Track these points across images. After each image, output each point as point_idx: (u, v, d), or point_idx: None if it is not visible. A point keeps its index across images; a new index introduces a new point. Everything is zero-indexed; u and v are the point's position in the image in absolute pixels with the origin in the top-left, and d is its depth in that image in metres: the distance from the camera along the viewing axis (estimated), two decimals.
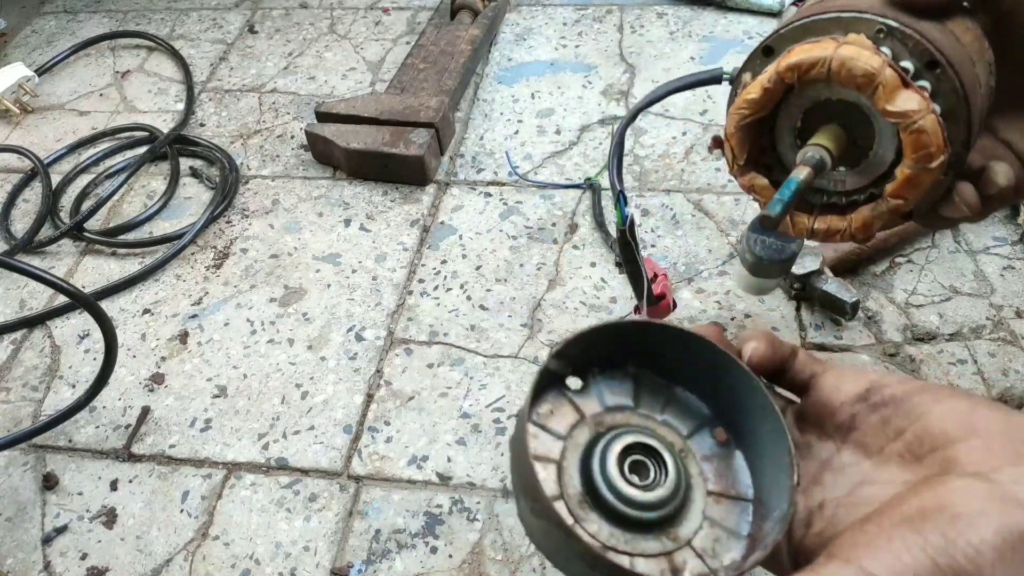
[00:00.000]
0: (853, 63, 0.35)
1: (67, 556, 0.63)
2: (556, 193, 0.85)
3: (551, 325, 0.74)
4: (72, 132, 1.00)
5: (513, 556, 0.59)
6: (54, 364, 0.76)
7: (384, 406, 0.69)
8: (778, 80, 0.37)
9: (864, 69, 0.35)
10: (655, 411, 0.38)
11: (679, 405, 0.38)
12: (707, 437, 0.38)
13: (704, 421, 0.38)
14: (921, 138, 0.36)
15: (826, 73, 0.36)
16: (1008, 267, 0.74)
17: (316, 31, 1.12)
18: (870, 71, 0.35)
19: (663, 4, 1.08)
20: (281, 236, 0.85)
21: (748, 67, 0.40)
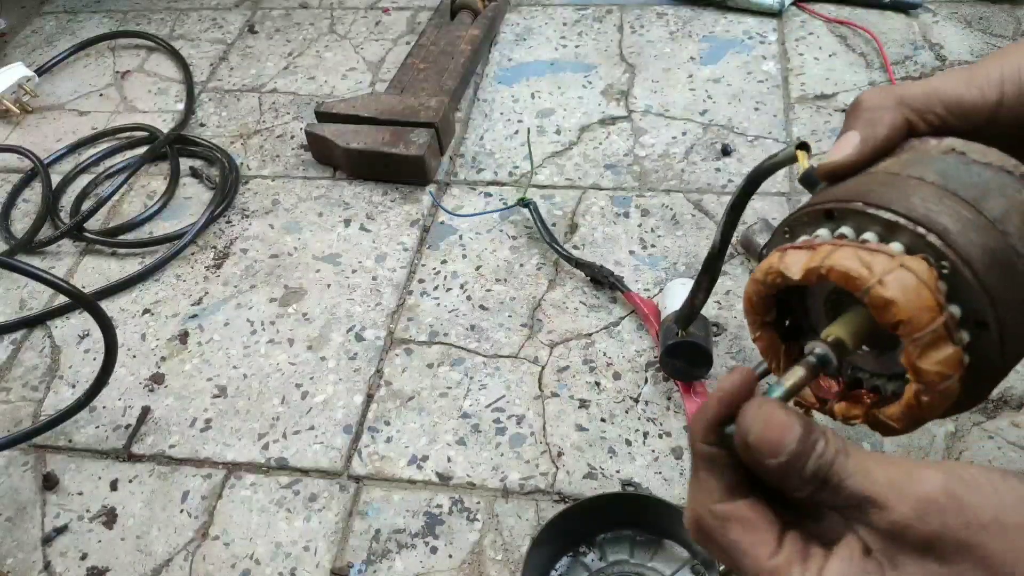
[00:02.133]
0: (897, 306, 0.30)
1: (67, 556, 0.63)
2: (556, 193, 0.85)
3: (551, 325, 0.74)
4: (72, 132, 1.01)
5: (513, 556, 0.59)
6: (54, 364, 0.76)
7: (384, 406, 0.69)
8: (807, 276, 0.33)
9: (910, 316, 0.30)
10: (645, 560, 0.57)
11: (665, 552, 0.58)
12: (688, 574, 0.56)
13: (685, 562, 0.57)
14: (937, 399, 0.32)
15: (863, 296, 0.31)
16: None
17: (316, 31, 1.12)
18: (916, 321, 0.30)
19: (663, 4, 1.08)
20: (281, 236, 0.85)
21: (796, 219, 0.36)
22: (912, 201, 0.32)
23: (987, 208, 0.32)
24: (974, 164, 0.34)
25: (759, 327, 0.38)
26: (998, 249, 0.31)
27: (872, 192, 0.33)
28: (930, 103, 0.36)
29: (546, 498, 0.62)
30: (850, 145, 0.36)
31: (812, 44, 0.99)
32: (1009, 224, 0.32)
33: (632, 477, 0.63)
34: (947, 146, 0.35)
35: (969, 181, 0.33)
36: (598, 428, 0.66)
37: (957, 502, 0.27)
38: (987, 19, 0.99)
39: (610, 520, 0.59)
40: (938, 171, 0.33)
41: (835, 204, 0.34)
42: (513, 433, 0.67)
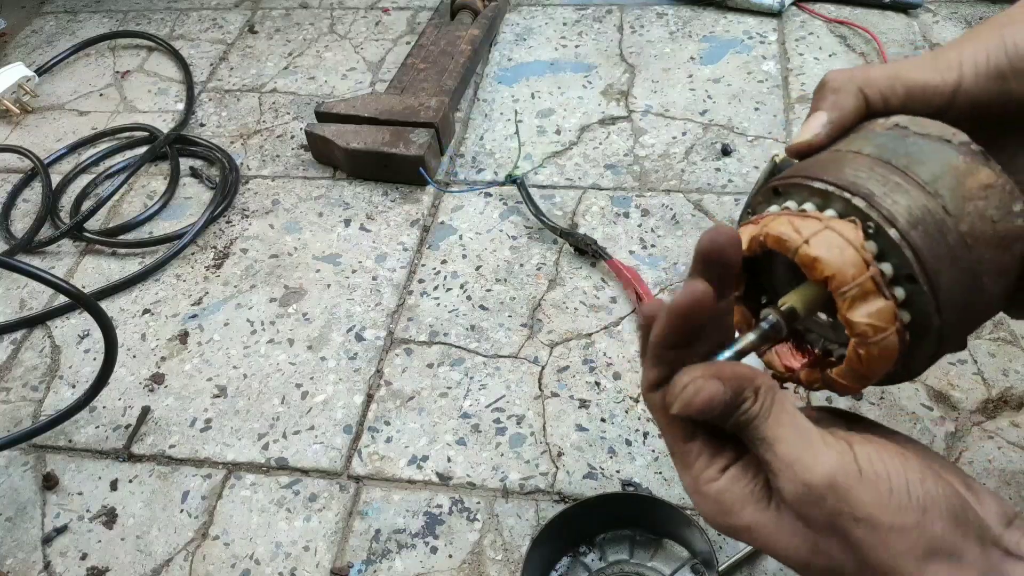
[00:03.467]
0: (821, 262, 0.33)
1: (67, 556, 0.63)
2: (556, 193, 0.85)
3: (551, 325, 0.74)
4: (72, 132, 1.01)
5: (513, 556, 0.59)
6: (54, 364, 0.76)
7: (384, 406, 0.69)
8: (751, 246, 0.36)
9: (835, 271, 0.32)
10: (645, 559, 0.58)
11: (664, 552, 0.58)
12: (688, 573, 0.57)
13: (684, 561, 0.57)
14: (875, 352, 0.33)
15: (793, 257, 0.34)
16: None
17: (316, 31, 1.12)
18: (841, 276, 0.32)
19: (663, 4, 1.08)
20: (281, 236, 0.85)
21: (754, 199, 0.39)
22: (844, 171, 0.35)
23: (918, 172, 0.34)
24: (913, 135, 0.36)
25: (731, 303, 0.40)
26: (923, 208, 0.33)
27: (812, 167, 0.36)
28: (892, 85, 0.38)
29: (546, 498, 0.63)
30: (818, 124, 0.38)
31: (812, 44, 0.99)
32: (941, 186, 0.34)
33: (632, 477, 0.63)
34: (892, 122, 0.37)
35: (904, 151, 0.35)
36: (598, 428, 0.66)
37: (838, 494, 0.30)
38: (987, 19, 0.99)
39: (610, 520, 0.59)
40: (876, 144, 0.36)
41: (779, 181, 0.37)
42: (513, 433, 0.67)
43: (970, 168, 0.34)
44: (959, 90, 0.37)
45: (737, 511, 0.33)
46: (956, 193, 0.34)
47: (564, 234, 0.79)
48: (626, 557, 0.58)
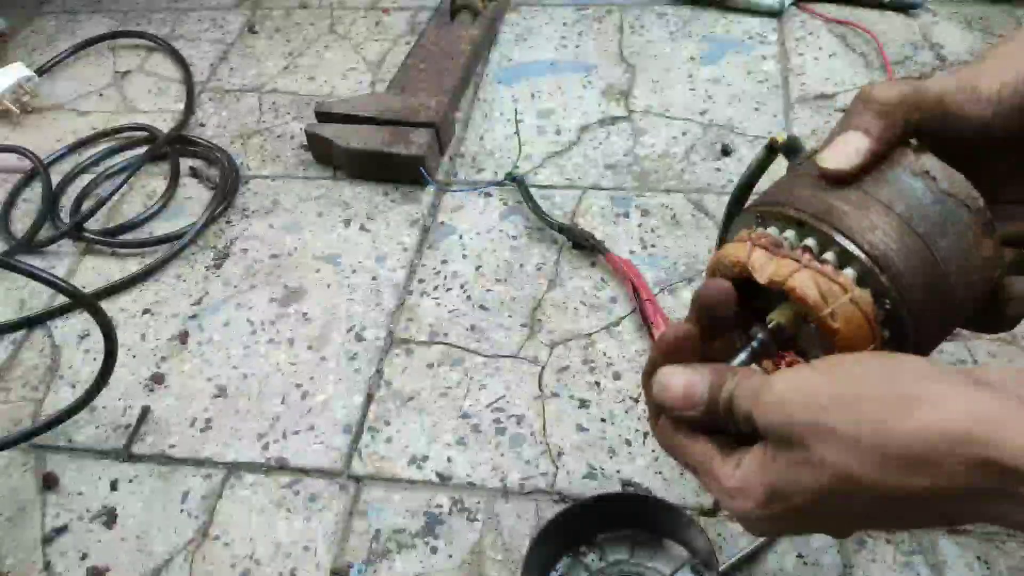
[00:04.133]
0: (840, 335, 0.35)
1: (67, 556, 0.63)
2: (556, 193, 0.85)
3: (551, 325, 0.74)
4: (72, 132, 1.00)
5: (513, 556, 0.59)
6: (54, 364, 0.76)
7: (384, 406, 0.69)
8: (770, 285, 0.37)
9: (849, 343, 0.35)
10: (645, 560, 0.58)
11: (664, 552, 0.58)
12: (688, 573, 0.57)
13: (684, 561, 0.57)
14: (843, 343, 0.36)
15: (813, 321, 0.36)
16: None
17: (316, 31, 1.12)
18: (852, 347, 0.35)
19: (663, 4, 1.08)
20: (281, 236, 0.85)
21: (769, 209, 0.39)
22: (875, 235, 0.36)
23: (939, 247, 0.36)
24: (940, 194, 0.37)
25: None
26: (935, 288, 0.36)
27: (844, 215, 0.36)
28: (934, 111, 0.37)
29: (546, 498, 0.62)
30: (856, 153, 0.37)
31: (812, 44, 0.99)
32: (952, 264, 0.36)
33: (632, 477, 0.63)
34: (921, 167, 0.37)
35: (930, 215, 0.36)
36: (598, 428, 0.66)
37: (799, 393, 0.32)
38: (987, 19, 0.99)
39: (610, 520, 0.59)
40: (906, 200, 0.36)
41: (809, 219, 0.37)
42: (513, 433, 0.67)
43: (978, 241, 0.37)
44: (990, 124, 0.37)
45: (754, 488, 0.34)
46: (962, 268, 0.36)
47: (562, 229, 0.79)
48: (626, 557, 0.58)
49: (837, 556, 0.57)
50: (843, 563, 0.57)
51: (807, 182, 0.39)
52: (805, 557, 0.57)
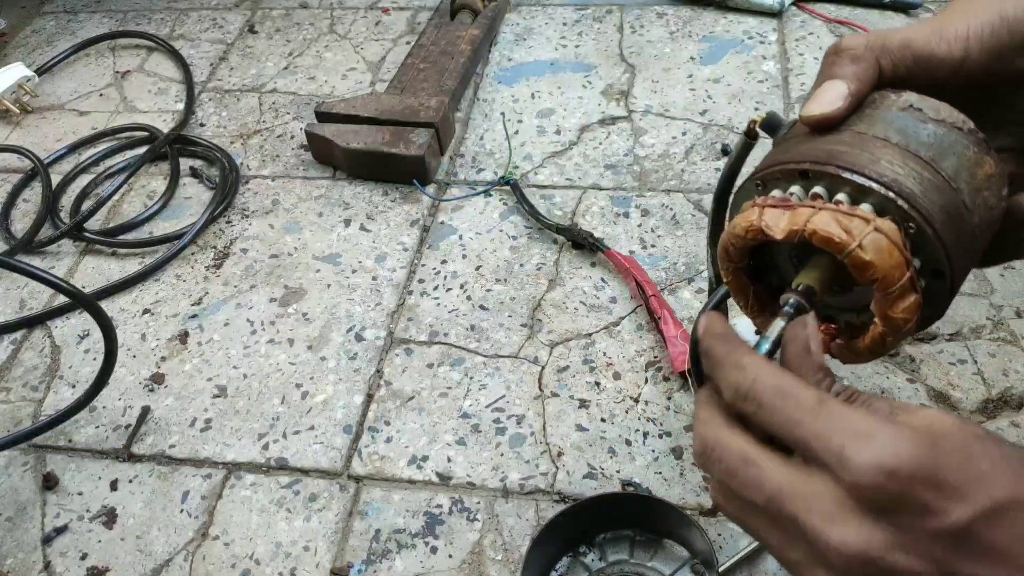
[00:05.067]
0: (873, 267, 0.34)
1: (67, 556, 0.63)
2: (556, 193, 0.85)
3: (551, 325, 0.74)
4: (72, 132, 1.00)
5: (513, 556, 0.59)
6: (54, 364, 0.76)
7: (384, 406, 0.69)
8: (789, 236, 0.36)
9: (884, 274, 0.34)
10: (645, 559, 0.58)
11: (664, 552, 0.58)
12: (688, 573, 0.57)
13: (684, 561, 0.57)
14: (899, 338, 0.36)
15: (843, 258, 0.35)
16: (1008, 267, 0.74)
17: (316, 31, 1.12)
18: (889, 278, 0.34)
19: (663, 4, 1.08)
20: (281, 236, 0.85)
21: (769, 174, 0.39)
22: (881, 165, 0.35)
23: (943, 167, 0.36)
24: (930, 122, 0.37)
25: (731, 272, 0.41)
26: (951, 206, 0.35)
27: (844, 154, 0.36)
28: (904, 55, 0.37)
29: (546, 498, 0.63)
30: (838, 97, 0.37)
31: (812, 44, 0.99)
32: (960, 181, 0.36)
33: (632, 477, 0.63)
34: (905, 102, 0.37)
35: (927, 140, 0.36)
36: (598, 428, 0.66)
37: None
38: None
39: (610, 520, 0.59)
40: (899, 130, 0.36)
41: (811, 166, 0.36)
42: (513, 433, 0.67)
43: (979, 159, 0.36)
44: (963, 64, 0.37)
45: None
46: (971, 186, 0.36)
47: (560, 230, 0.79)
48: (626, 557, 0.58)
49: None
50: None
51: (798, 141, 0.38)
52: None
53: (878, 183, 0.35)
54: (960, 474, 0.27)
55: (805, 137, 0.38)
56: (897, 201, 0.34)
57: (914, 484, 0.27)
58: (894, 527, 0.27)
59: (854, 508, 0.28)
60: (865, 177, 0.35)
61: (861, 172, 0.35)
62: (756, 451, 0.30)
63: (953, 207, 0.35)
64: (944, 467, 0.27)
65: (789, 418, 0.30)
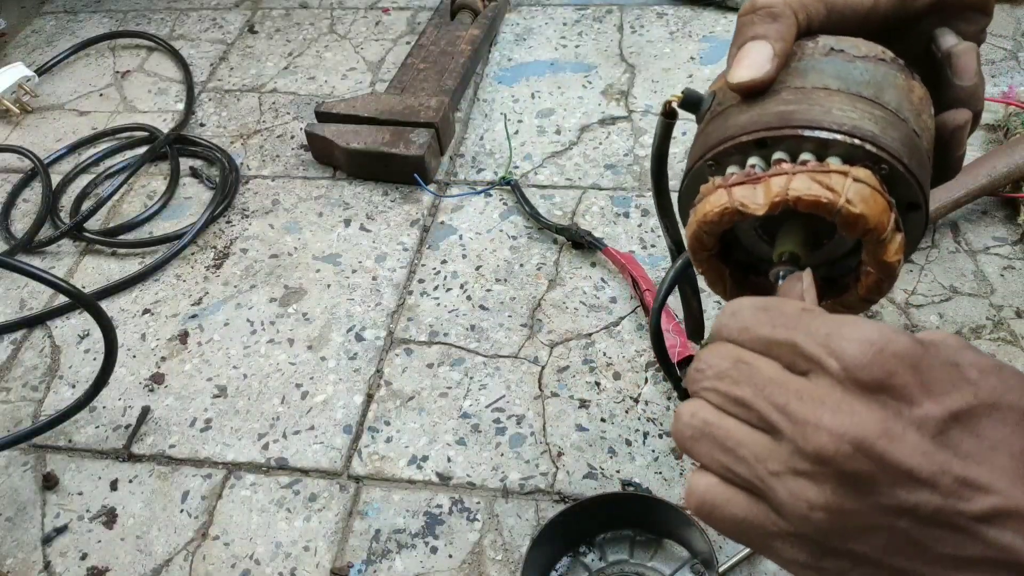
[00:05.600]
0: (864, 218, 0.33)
1: (67, 556, 0.63)
2: (556, 193, 0.85)
3: (551, 325, 0.74)
4: (72, 132, 1.00)
5: (513, 556, 0.59)
6: (54, 364, 0.76)
7: (384, 406, 0.69)
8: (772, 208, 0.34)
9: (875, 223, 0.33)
10: (645, 559, 0.58)
11: (664, 552, 0.58)
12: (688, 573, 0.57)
13: (684, 561, 0.57)
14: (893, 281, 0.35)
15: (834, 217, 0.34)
16: (1008, 267, 0.74)
17: (316, 31, 1.12)
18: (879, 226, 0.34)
19: (663, 4, 1.08)
20: (281, 236, 0.85)
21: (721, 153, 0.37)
22: (834, 115, 0.34)
23: (887, 101, 0.35)
24: (857, 60, 0.36)
25: (705, 261, 0.40)
26: (906, 137, 0.35)
27: (796, 113, 0.35)
28: (817, 8, 0.37)
29: (546, 498, 0.62)
30: (765, 59, 0.36)
31: None
32: (904, 111, 0.35)
33: (632, 477, 0.63)
34: (825, 46, 0.37)
35: (862, 79, 0.36)
36: (598, 428, 0.66)
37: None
38: None
39: (610, 520, 0.59)
40: (834, 75, 0.36)
41: (768, 133, 0.35)
42: (513, 433, 0.67)
43: (909, 85, 0.37)
44: (873, 10, 0.37)
45: None
46: (912, 113, 0.36)
47: (560, 230, 0.80)
48: (626, 557, 0.58)
49: None
50: None
51: (733, 112, 0.37)
52: None
53: (840, 133, 0.34)
54: (945, 371, 0.27)
55: (740, 106, 0.37)
56: (865, 146, 0.34)
57: (901, 366, 0.26)
58: (883, 408, 0.26)
59: (843, 393, 0.27)
60: (826, 130, 0.34)
61: (820, 126, 0.34)
62: (751, 355, 0.30)
63: (907, 138, 0.35)
64: (931, 359, 0.27)
65: (773, 326, 0.29)
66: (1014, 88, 0.85)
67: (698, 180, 0.38)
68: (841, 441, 0.26)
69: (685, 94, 0.40)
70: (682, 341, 0.66)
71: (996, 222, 0.77)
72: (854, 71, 0.36)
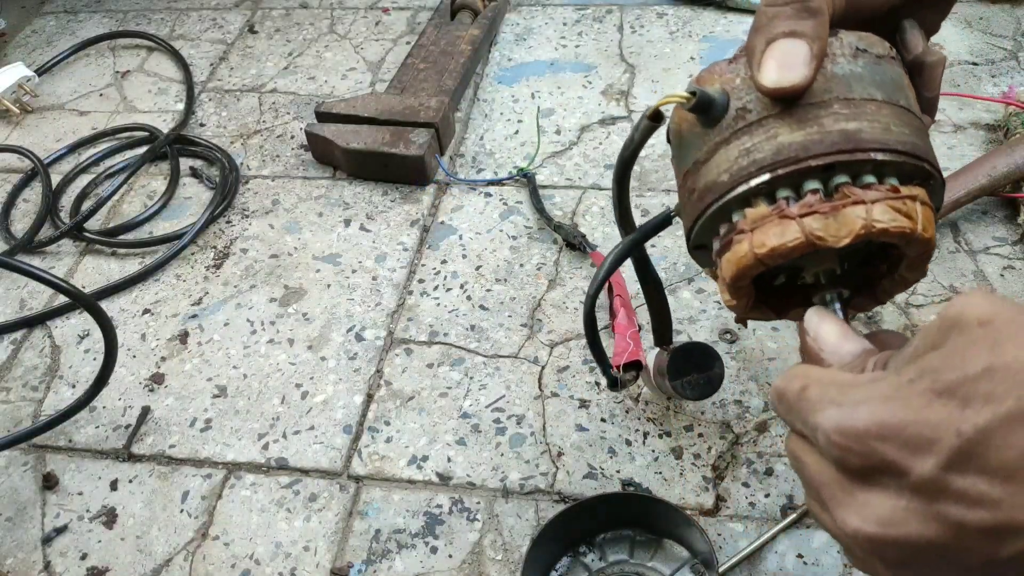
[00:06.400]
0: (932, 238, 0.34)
1: (67, 556, 0.63)
2: (556, 193, 0.85)
3: (551, 325, 0.74)
4: (72, 132, 1.00)
5: (513, 556, 0.59)
6: (54, 364, 0.76)
7: (384, 406, 0.69)
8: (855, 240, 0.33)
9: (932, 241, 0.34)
10: (645, 559, 0.57)
11: (664, 552, 0.58)
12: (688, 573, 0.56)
13: (684, 561, 0.57)
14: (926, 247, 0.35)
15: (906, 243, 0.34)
16: (1008, 267, 0.74)
17: (316, 31, 1.12)
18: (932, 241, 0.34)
19: (663, 4, 1.08)
20: (281, 236, 0.85)
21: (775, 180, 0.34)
22: (892, 132, 0.33)
23: (912, 105, 0.36)
24: (881, 62, 0.36)
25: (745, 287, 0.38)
26: (928, 140, 0.36)
27: (861, 132, 0.33)
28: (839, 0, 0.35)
29: (546, 498, 0.63)
30: (802, 61, 0.32)
31: None
32: (915, 109, 0.36)
33: (632, 477, 0.63)
34: (850, 46, 0.35)
35: (891, 83, 0.35)
36: (598, 428, 0.66)
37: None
38: (987, 19, 0.99)
39: (610, 520, 0.59)
40: (875, 84, 0.35)
41: (840, 157, 0.32)
42: (513, 433, 0.67)
43: (910, 83, 0.37)
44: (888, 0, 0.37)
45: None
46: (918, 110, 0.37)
47: (557, 227, 0.80)
48: (626, 557, 0.58)
49: (837, 556, 0.57)
50: (843, 562, 0.57)
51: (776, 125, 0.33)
52: (805, 557, 0.57)
53: (906, 155, 0.33)
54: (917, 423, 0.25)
55: (785, 119, 0.33)
56: (924, 166, 0.34)
57: (873, 443, 0.26)
58: (882, 491, 0.27)
59: (847, 483, 0.28)
60: (895, 152, 0.33)
61: (888, 148, 0.32)
62: (799, 446, 0.31)
63: (928, 140, 0.35)
64: (895, 416, 0.26)
65: (788, 415, 0.31)
66: (1014, 88, 0.85)
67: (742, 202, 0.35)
68: (867, 542, 0.27)
69: (699, 95, 0.35)
70: (633, 350, 0.63)
71: (996, 222, 0.77)
72: (885, 76, 0.35)
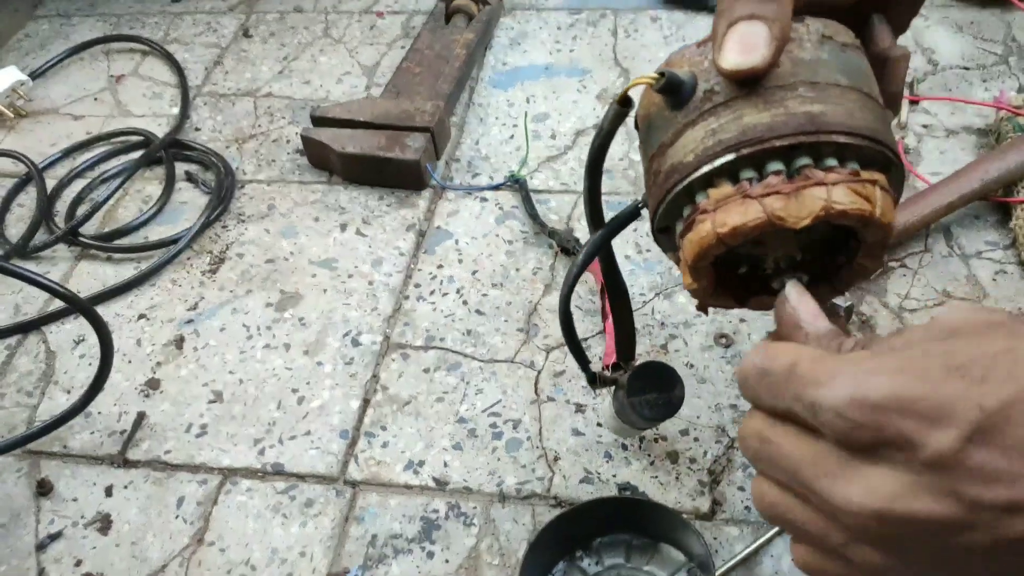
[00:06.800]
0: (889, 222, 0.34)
1: (61, 563, 0.62)
2: (551, 197, 0.85)
3: (547, 330, 0.74)
4: (67, 136, 1.00)
5: (510, 561, 0.59)
6: (49, 369, 0.76)
7: (380, 411, 0.69)
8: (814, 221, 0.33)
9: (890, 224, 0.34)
10: (641, 564, 0.57)
11: (661, 556, 0.58)
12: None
13: (681, 565, 0.57)
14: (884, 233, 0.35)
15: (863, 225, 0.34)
16: (1000, 271, 0.74)
17: (311, 35, 1.12)
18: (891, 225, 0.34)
19: (657, 8, 1.08)
20: (277, 241, 0.85)
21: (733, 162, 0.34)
22: (856, 117, 0.33)
23: (874, 92, 0.36)
24: (847, 50, 0.36)
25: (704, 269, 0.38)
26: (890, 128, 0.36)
27: (825, 115, 0.33)
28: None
29: (542, 502, 0.63)
30: (762, 42, 0.32)
31: None
32: (877, 96, 0.36)
33: (628, 481, 0.63)
34: (816, 32, 0.35)
35: (855, 70, 0.35)
36: (594, 432, 0.66)
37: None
38: (978, 23, 1.00)
39: (606, 524, 0.59)
40: (840, 69, 0.35)
41: (805, 138, 0.32)
42: (509, 438, 0.67)
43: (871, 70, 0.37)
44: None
45: None
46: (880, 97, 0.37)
47: (550, 233, 0.80)
48: (623, 561, 0.58)
49: None
50: None
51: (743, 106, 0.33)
52: None
53: (868, 139, 0.33)
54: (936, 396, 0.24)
55: (752, 100, 0.33)
56: (886, 152, 0.34)
57: (886, 416, 0.25)
58: (890, 467, 0.25)
59: (848, 459, 0.26)
60: (857, 136, 0.33)
61: (852, 131, 0.32)
62: (771, 429, 0.29)
63: (890, 128, 0.36)
64: (914, 389, 0.25)
65: (773, 396, 0.29)
66: (1005, 92, 0.85)
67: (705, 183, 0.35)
68: (865, 518, 0.26)
69: (667, 76, 0.35)
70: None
71: (988, 226, 0.78)
72: (850, 63, 0.35)
